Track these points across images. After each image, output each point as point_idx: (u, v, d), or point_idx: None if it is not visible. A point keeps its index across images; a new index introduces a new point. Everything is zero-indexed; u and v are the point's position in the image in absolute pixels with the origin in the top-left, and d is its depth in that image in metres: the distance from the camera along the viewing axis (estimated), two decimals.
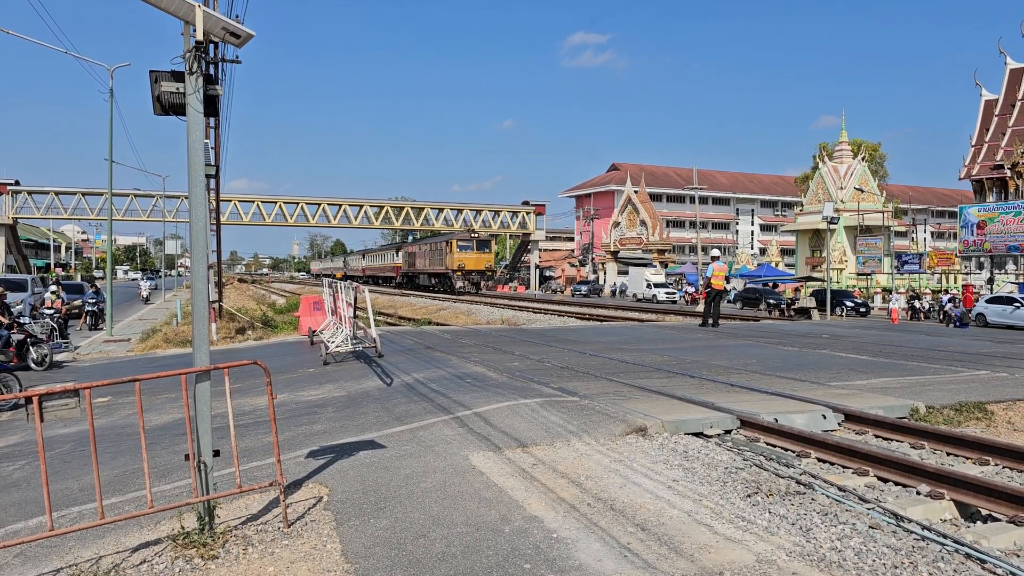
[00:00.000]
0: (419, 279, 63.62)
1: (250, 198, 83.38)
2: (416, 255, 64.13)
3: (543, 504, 5.09)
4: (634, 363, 12.08)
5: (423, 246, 62.01)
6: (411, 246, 67.26)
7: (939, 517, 5.23)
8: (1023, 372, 10.93)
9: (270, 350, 16.88)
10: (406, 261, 67.03)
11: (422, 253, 61.98)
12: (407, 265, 66.28)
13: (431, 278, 59.89)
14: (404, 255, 68.03)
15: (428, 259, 59.58)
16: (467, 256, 53.20)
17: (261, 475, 5.85)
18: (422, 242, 63.55)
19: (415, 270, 63.92)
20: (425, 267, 60.66)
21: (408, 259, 66.62)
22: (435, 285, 58.60)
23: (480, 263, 53.82)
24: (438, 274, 57.06)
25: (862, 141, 66.72)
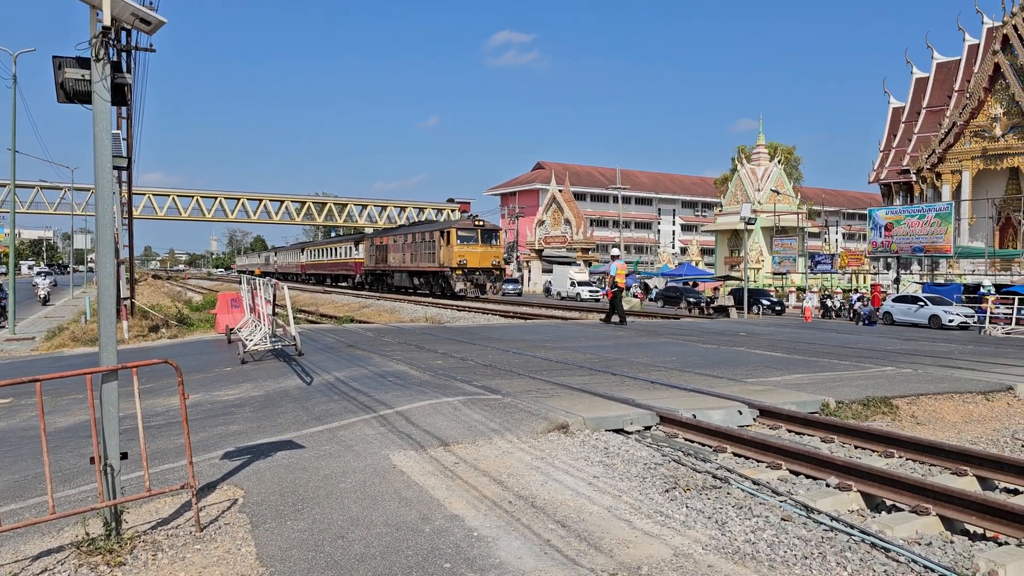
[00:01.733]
0: (393, 278, 49.69)
1: (165, 192, 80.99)
2: (389, 248, 49.98)
3: (464, 503, 5.06)
4: (557, 361, 12.16)
5: (401, 237, 48.34)
6: (381, 237, 53.19)
7: (847, 508, 5.42)
8: (926, 368, 11.44)
9: (185, 349, 16.37)
10: (372, 256, 53.35)
11: (400, 246, 48.07)
12: (373, 260, 52.85)
13: (415, 278, 46.21)
14: (369, 248, 54.15)
15: (410, 253, 45.97)
16: (470, 250, 40.62)
17: (173, 478, 5.66)
18: (398, 232, 50.43)
19: (388, 267, 50.00)
20: (404, 263, 46.92)
21: (375, 253, 52.67)
22: (419, 287, 45.86)
23: (486, 259, 41.16)
24: (427, 273, 43.99)
25: (778, 144, 68.92)
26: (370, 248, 54.10)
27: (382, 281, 51.70)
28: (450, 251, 40.66)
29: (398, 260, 48.01)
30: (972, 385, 9.77)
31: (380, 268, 51.53)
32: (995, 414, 8.89)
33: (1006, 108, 42.48)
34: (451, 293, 41.24)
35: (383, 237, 52.27)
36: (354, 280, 57.65)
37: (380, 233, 54.91)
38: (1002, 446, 7.81)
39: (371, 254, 53.43)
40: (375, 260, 52.36)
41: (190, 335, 20.45)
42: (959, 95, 45.75)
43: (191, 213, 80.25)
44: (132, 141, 23.10)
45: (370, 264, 53.62)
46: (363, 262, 55.26)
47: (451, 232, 40.80)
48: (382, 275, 51.48)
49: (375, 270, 52.64)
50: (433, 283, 43.40)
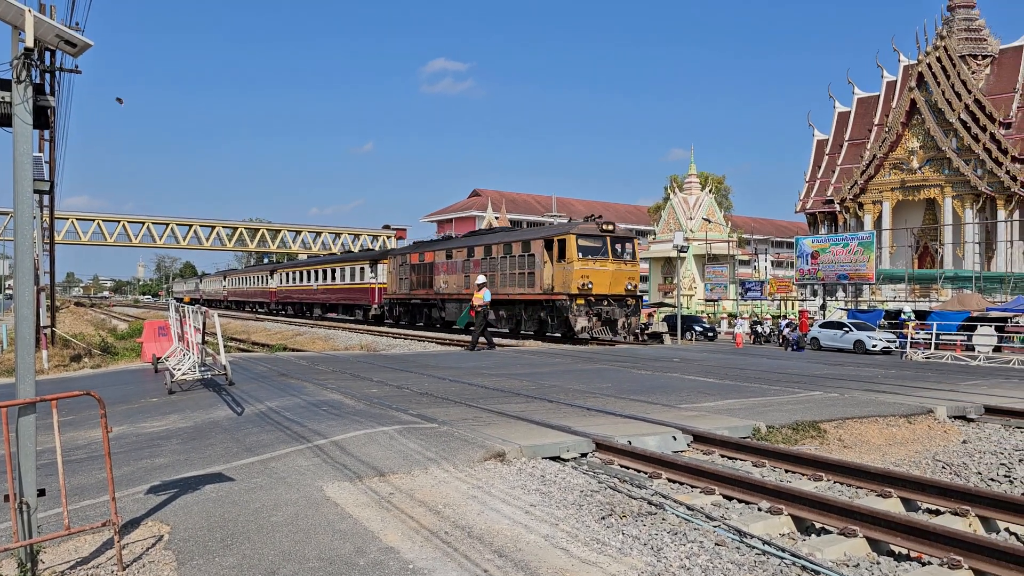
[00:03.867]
0: (444, 310, 33.91)
1: (90, 216, 78.58)
2: (437, 268, 34.44)
3: (400, 534, 4.98)
4: (494, 388, 12.13)
5: (462, 251, 32.79)
6: (419, 252, 36.86)
7: (778, 532, 5.52)
8: (851, 392, 11.78)
9: (109, 379, 15.80)
10: (402, 279, 37.89)
11: (458, 265, 32.70)
12: (406, 285, 37.20)
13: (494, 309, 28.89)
14: (399, 269, 38.35)
15: (479, 274, 28.67)
16: (596, 267, 26.35)
17: (95, 514, 5.43)
18: (454, 244, 34.84)
19: (433, 294, 34.59)
20: (471, 289, 28.45)
21: (409, 275, 37.11)
22: (498, 322, 30.20)
23: (619, 281, 26.78)
24: (517, 303, 28.90)
25: (709, 174, 70.72)
26: (399, 268, 38.19)
27: (419, 313, 36.79)
28: (566, 269, 26.00)
29: (455, 284, 32.58)
30: (895, 409, 10.09)
31: (418, 296, 35.81)
32: (917, 436, 9.19)
33: (922, 142, 44.49)
34: (566, 333, 26.83)
35: (424, 252, 36.10)
36: (368, 311, 43.10)
37: (416, 248, 38.47)
38: (924, 468, 8.07)
39: (401, 276, 37.90)
40: (409, 284, 36.79)
41: (115, 365, 19.77)
42: (879, 129, 47.76)
43: (117, 238, 77.95)
44: (55, 164, 22.41)
45: (398, 290, 37.95)
46: (385, 287, 40.48)
47: (568, 241, 26.03)
48: (422, 305, 36.03)
49: (408, 298, 37.02)
50: (526, 317, 28.49)
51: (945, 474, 7.86)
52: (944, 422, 9.84)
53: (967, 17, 46.77)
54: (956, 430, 9.56)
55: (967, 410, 10.26)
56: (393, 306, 39.77)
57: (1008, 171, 40.35)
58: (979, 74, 44.82)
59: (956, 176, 42.81)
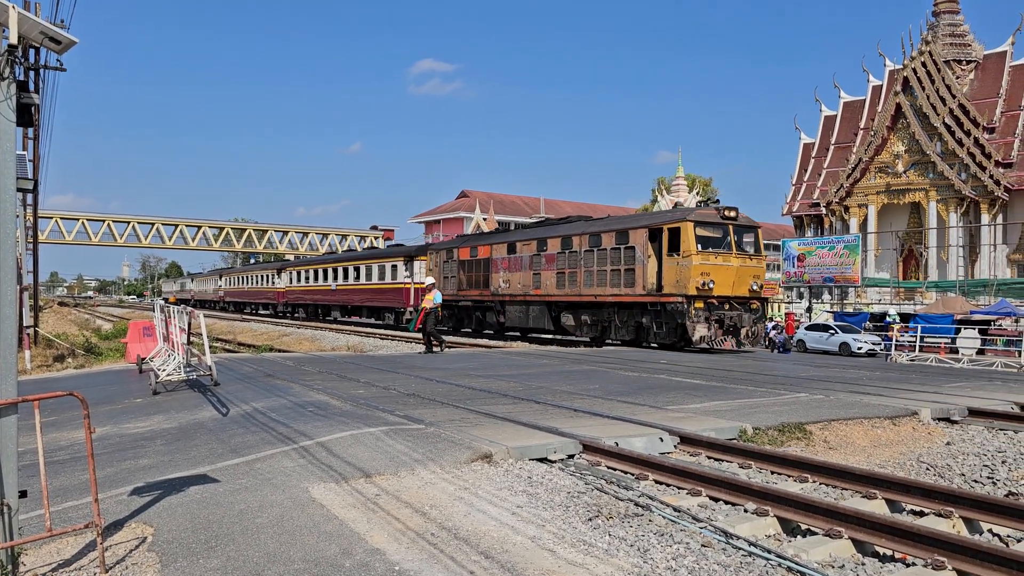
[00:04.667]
0: (504, 313, 29.42)
1: (74, 215, 78.00)
2: (495, 265, 29.64)
3: (386, 535, 4.96)
4: (481, 389, 12.12)
5: (529, 244, 28.00)
6: (473, 245, 31.78)
7: (764, 533, 5.53)
8: (837, 394, 11.83)
9: (93, 379, 15.68)
10: (447, 276, 32.74)
11: (526, 261, 27.96)
12: (453, 284, 32.23)
13: (573, 313, 26.01)
14: (442, 267, 33.20)
15: (556, 272, 26.23)
16: (719, 262, 21.85)
17: (77, 516, 5.38)
18: (518, 236, 29.60)
19: (490, 295, 29.79)
20: (549, 290, 26.54)
21: (458, 274, 32.01)
22: (582, 327, 25.88)
23: (743, 280, 22.43)
24: (609, 306, 24.40)
25: (696, 177, 70.99)
26: (444, 266, 32.85)
27: (468, 317, 32.09)
28: (681, 265, 21.24)
29: (520, 283, 27.71)
30: (880, 410, 10.14)
31: (469, 297, 31.10)
32: (901, 438, 9.25)
33: (907, 146, 44.82)
34: (676, 343, 22.27)
35: (477, 246, 30.86)
36: (401, 315, 37.92)
37: (466, 241, 33.08)
38: (908, 469, 8.12)
39: (445, 275, 32.70)
40: (457, 284, 31.88)
41: (99, 365, 19.62)
42: (864, 133, 48.06)
43: (102, 238, 77.39)
44: (39, 162, 22.24)
45: (442, 290, 30.86)
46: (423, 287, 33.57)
47: (684, 230, 21.32)
48: (473, 308, 31.45)
49: (454, 300, 31.94)
50: (619, 323, 23.82)
51: (929, 475, 7.91)
52: (928, 424, 9.91)
53: (952, 23, 47.15)
54: (940, 432, 9.62)
55: (951, 412, 10.33)
56: (453, 308, 33.29)
57: (992, 175, 40.70)
58: (963, 79, 45.20)
59: (940, 180, 43.15)
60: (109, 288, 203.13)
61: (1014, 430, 9.66)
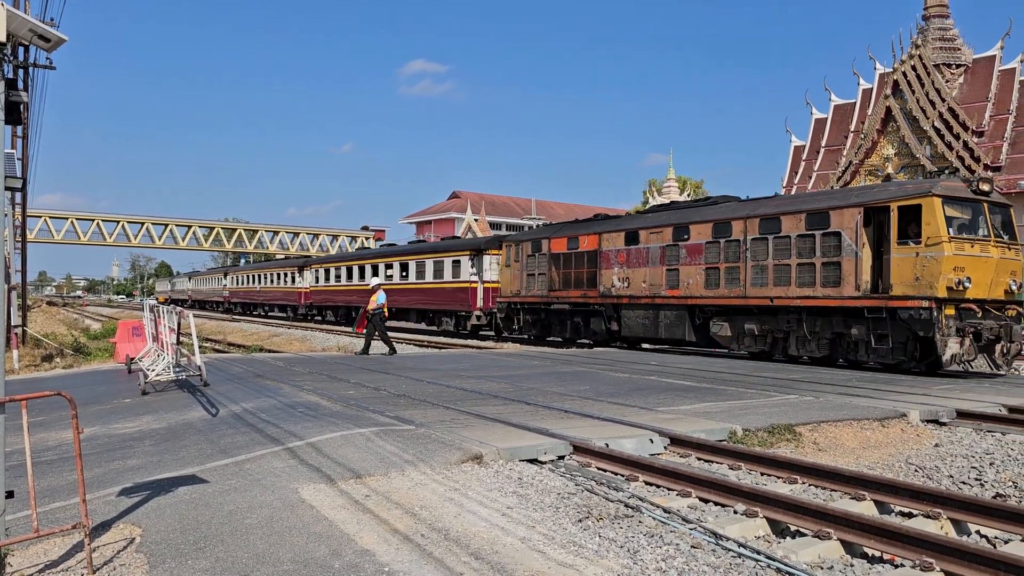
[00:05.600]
0: (609, 320, 23.89)
1: (63, 215, 77.59)
2: (607, 259, 23.81)
3: (376, 536, 4.95)
4: (472, 390, 12.11)
5: (668, 229, 21.66)
6: (571, 236, 25.57)
7: (754, 534, 5.54)
8: (826, 396, 11.87)
9: (81, 379, 15.60)
10: (532, 273, 26.85)
11: (660, 253, 21.77)
12: (540, 285, 26.48)
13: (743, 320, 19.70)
14: (526, 261, 27.21)
15: (702, 267, 20.37)
16: (975, 254, 15.64)
17: (65, 517, 5.35)
18: (648, 219, 23.31)
19: (593, 298, 24.16)
20: (658, 285, 21.72)
21: (548, 269, 26.14)
22: (736, 340, 20.08)
23: (1000, 279, 15.93)
24: (793, 310, 18.44)
25: (687, 178, 71.08)
26: (528, 261, 26.82)
27: (562, 323, 26.12)
28: (925, 257, 15.97)
29: (644, 282, 22.04)
30: (869, 412, 10.18)
31: (568, 299, 25.06)
32: (890, 440, 9.28)
33: (897, 149, 45.06)
34: (914, 361, 16.49)
35: (579, 236, 24.89)
36: (465, 319, 32.30)
37: (561, 230, 26.59)
38: (897, 471, 8.15)
39: (530, 271, 26.75)
40: (548, 283, 25.85)
41: (87, 365, 19.52)
42: (854, 136, 48.28)
43: (91, 237, 77.03)
44: (28, 161, 22.10)
45: (525, 290, 26.81)
46: (495, 286, 29.92)
47: (928, 208, 15.95)
48: (571, 312, 25.44)
49: (544, 302, 26.10)
50: (808, 334, 18.36)
51: (918, 477, 7.94)
52: (917, 426, 9.95)
53: (941, 27, 47.41)
54: (929, 434, 9.66)
55: (939, 414, 10.37)
56: (514, 312, 27.81)
57: None
58: (953, 83, 45.46)
59: None
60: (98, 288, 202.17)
61: (1002, 432, 9.72)
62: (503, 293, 28.57)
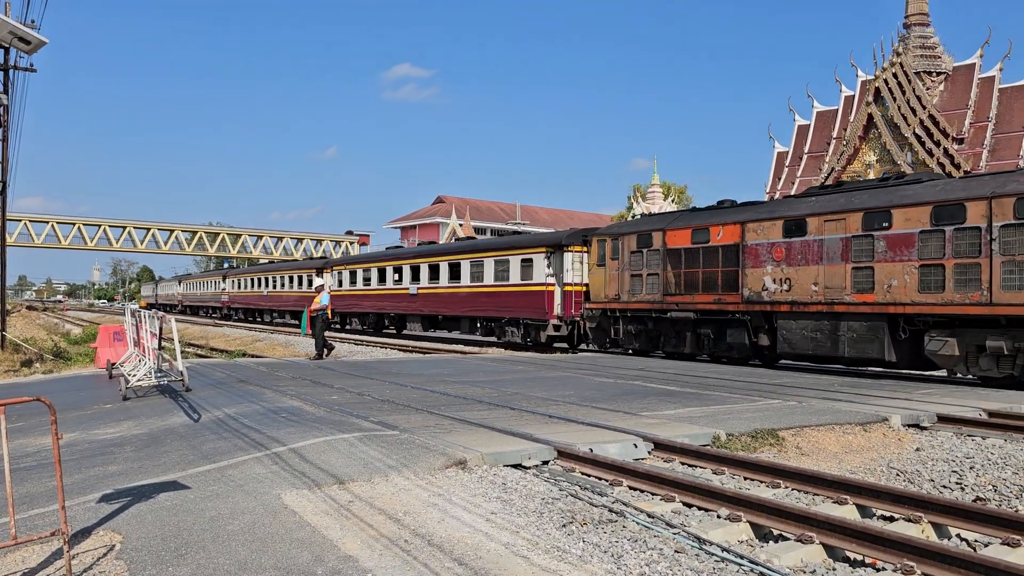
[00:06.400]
0: (755, 332, 19.01)
1: (44, 218, 76.90)
2: (755, 254, 18.61)
3: (359, 542, 4.93)
4: (456, 396, 12.09)
5: (856, 215, 16.53)
6: (697, 226, 20.38)
7: (737, 539, 5.56)
8: (809, 400, 11.94)
9: (61, 384, 15.44)
10: (638, 273, 22.01)
11: (842, 246, 16.75)
12: (651, 288, 21.54)
13: None
14: (629, 259, 22.36)
15: (898, 260, 15.75)
16: None
17: (44, 524, 5.29)
18: (808, 204, 18.00)
19: (731, 303, 19.15)
20: (839, 288, 16.75)
21: (661, 268, 21.13)
22: (968, 360, 14.96)
23: None
24: None
25: (671, 184, 71.41)
26: (632, 258, 22.30)
27: (676, 335, 21.27)
28: None
29: (815, 283, 17.39)
30: (851, 417, 10.24)
31: (692, 305, 20.33)
32: (872, 444, 9.34)
33: (879, 156, 45.48)
34: None
35: (709, 226, 20.17)
36: (539, 328, 26.66)
37: (679, 219, 21.92)
38: (879, 475, 8.20)
39: (635, 271, 22.18)
40: (661, 285, 21.21)
41: (68, 370, 19.33)
42: (837, 142, 48.67)
43: (72, 241, 76.31)
44: (8, 164, 21.84)
45: (627, 294, 22.40)
46: (581, 289, 25.30)
47: None
48: (695, 323, 20.59)
49: (658, 308, 21.48)
50: None
51: (899, 481, 8.00)
52: (898, 430, 10.02)
53: (922, 35, 47.90)
54: (910, 438, 9.73)
55: (921, 418, 10.45)
56: (611, 321, 23.37)
57: None
58: (933, 90, 45.93)
59: None
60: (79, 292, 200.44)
61: (982, 436, 9.80)
62: (594, 298, 23.81)
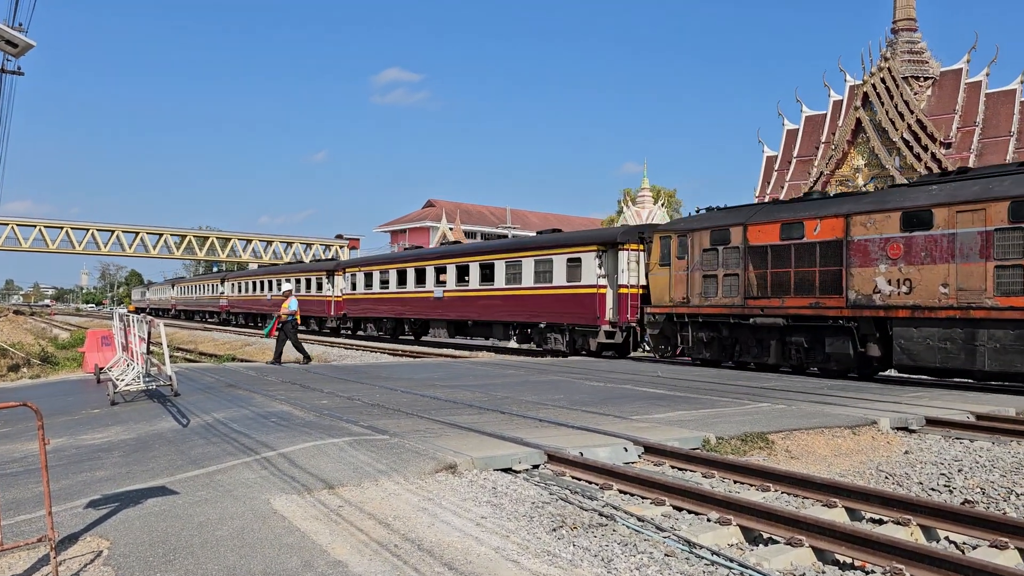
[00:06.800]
0: (896, 337, 15.47)
1: (31, 222, 76.40)
2: (865, 251, 15.99)
3: (348, 547, 4.91)
4: (446, 400, 12.07)
5: None
6: (792, 220, 17.38)
7: (727, 542, 5.57)
8: (798, 404, 11.98)
9: (49, 389, 15.34)
10: (713, 274, 19.19)
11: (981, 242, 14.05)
12: (728, 289, 18.85)
13: None
14: (702, 258, 19.51)
15: None
16: None
17: (30, 530, 5.25)
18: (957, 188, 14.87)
19: (857, 306, 16.11)
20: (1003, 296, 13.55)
21: (742, 268, 18.41)
22: None
23: None
24: None
25: (661, 188, 71.60)
26: (705, 257, 19.60)
27: (759, 344, 18.73)
28: None
29: (958, 283, 14.52)
30: (840, 420, 10.28)
31: (783, 311, 17.64)
32: (861, 447, 9.38)
33: (867, 160, 45.73)
34: None
35: (805, 218, 17.29)
36: (587, 335, 24.18)
37: (771, 210, 18.83)
38: (868, 478, 8.23)
39: (708, 271, 19.49)
40: (741, 286, 18.57)
41: (55, 375, 19.22)
42: (825, 146, 48.91)
43: (60, 245, 75.80)
44: None
45: (698, 296, 19.76)
46: (633, 292, 22.75)
47: None
48: (791, 329, 17.81)
49: (738, 315, 18.74)
50: None
51: (888, 484, 8.03)
52: (887, 433, 10.06)
53: (910, 40, 48.24)
54: (899, 441, 9.77)
55: (909, 421, 10.50)
56: (677, 327, 20.45)
57: None
58: (921, 95, 46.23)
59: None
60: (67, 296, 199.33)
61: (970, 439, 9.85)
62: (656, 301, 20.94)
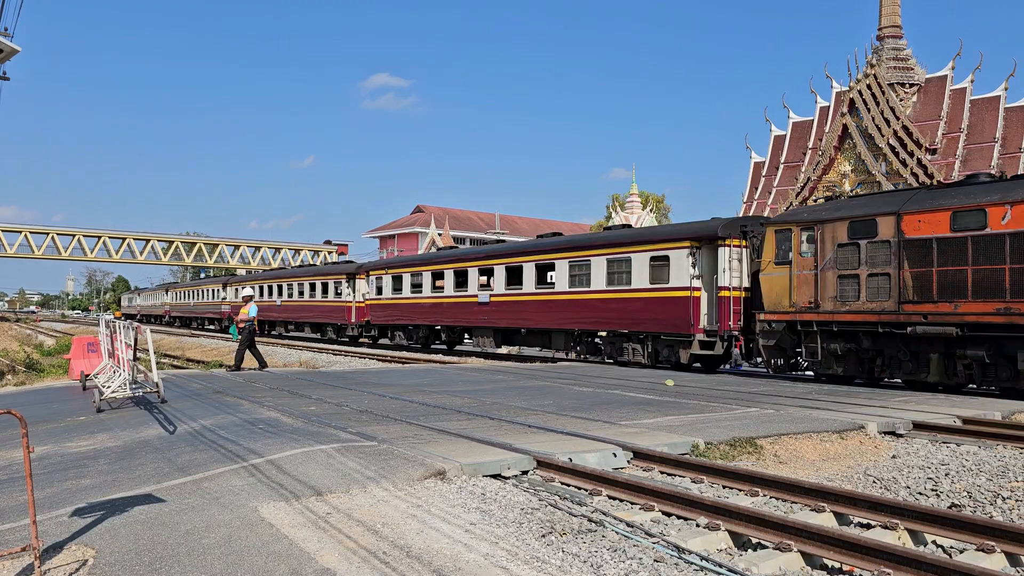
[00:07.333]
0: None
1: (16, 228, 75.87)
2: None
3: (337, 555, 4.88)
4: (435, 406, 12.04)
5: None
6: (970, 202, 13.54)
7: (716, 547, 5.57)
8: (787, 409, 12.01)
9: (34, 396, 15.21)
10: (926, 268, 14.31)
11: None
12: (897, 288, 14.70)
13: None
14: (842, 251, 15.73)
15: None
16: None
17: (15, 539, 5.20)
18: None
19: None
20: None
21: (905, 262, 14.57)
22: None
23: None
24: None
25: (649, 194, 71.85)
26: (840, 252, 15.88)
27: (909, 358, 15.27)
28: None
29: None
30: (828, 424, 10.32)
31: (956, 317, 13.87)
32: (849, 452, 9.41)
33: (854, 166, 46.01)
34: None
35: (984, 203, 13.44)
36: (660, 343, 21.41)
37: (938, 195, 14.71)
38: (856, 482, 8.26)
39: (853, 268, 15.59)
40: (895, 288, 14.88)
41: (40, 382, 19.06)
42: (812, 152, 49.18)
43: (45, 251, 75.30)
44: None
45: (846, 301, 15.79)
46: (765, 295, 17.79)
47: None
48: (972, 340, 13.98)
49: (895, 320, 14.92)
50: None
51: (876, 488, 8.06)
52: (875, 437, 10.11)
53: (895, 47, 48.59)
54: (886, 445, 9.81)
55: (896, 426, 10.55)
56: (802, 336, 17.28)
57: None
58: (907, 101, 46.57)
59: None
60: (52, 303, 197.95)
61: (957, 443, 9.90)
62: (771, 307, 17.68)
